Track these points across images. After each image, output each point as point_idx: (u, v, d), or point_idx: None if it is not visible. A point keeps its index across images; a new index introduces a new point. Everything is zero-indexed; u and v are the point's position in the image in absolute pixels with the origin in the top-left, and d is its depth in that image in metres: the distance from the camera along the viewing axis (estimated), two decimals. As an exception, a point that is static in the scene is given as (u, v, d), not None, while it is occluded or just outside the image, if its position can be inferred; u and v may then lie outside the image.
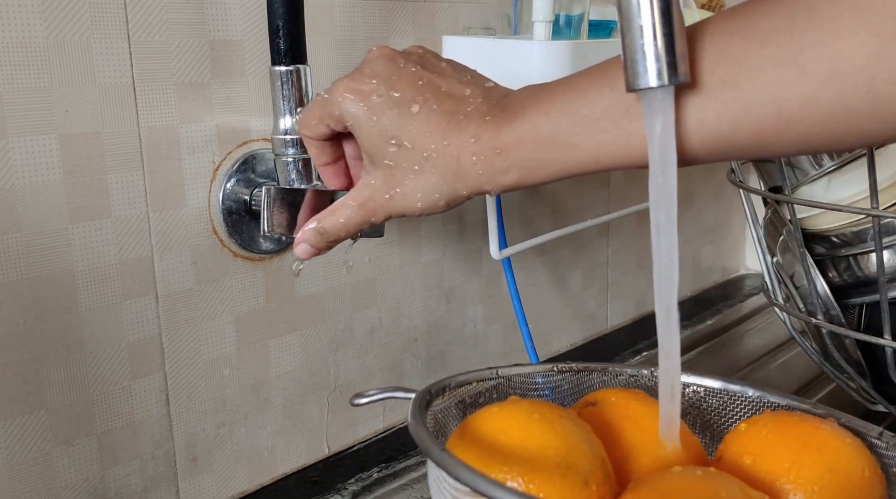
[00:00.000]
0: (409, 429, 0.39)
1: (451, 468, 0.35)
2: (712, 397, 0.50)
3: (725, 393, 0.50)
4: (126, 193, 0.53)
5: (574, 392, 0.51)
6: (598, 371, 0.51)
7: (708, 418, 0.50)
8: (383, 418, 0.72)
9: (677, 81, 0.34)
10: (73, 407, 0.52)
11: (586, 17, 0.67)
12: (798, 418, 0.44)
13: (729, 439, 0.45)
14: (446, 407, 0.45)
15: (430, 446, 0.37)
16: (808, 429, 0.43)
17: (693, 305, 1.05)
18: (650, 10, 0.34)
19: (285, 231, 0.52)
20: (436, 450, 0.37)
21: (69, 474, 0.53)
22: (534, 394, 0.50)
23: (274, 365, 0.63)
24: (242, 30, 0.57)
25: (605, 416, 0.45)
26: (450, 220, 0.74)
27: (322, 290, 0.65)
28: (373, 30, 0.64)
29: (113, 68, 0.51)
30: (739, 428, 0.45)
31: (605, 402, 0.46)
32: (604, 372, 0.51)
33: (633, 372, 0.51)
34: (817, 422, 0.43)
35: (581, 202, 0.87)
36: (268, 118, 0.58)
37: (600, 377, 0.51)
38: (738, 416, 0.49)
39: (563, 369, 0.50)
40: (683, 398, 0.50)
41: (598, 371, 0.51)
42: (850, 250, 0.61)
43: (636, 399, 0.46)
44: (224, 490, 0.61)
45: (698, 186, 1.05)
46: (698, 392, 0.50)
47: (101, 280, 0.52)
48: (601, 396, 0.47)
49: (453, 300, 0.76)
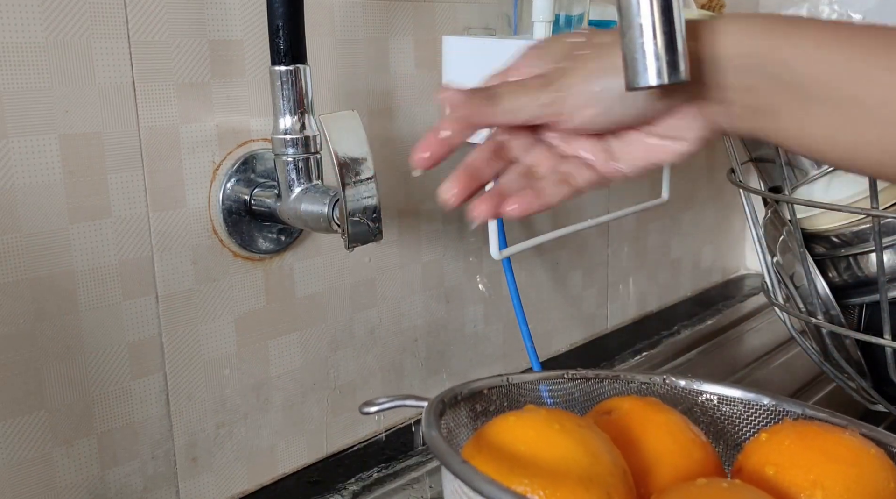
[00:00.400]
0: (426, 439, 0.38)
1: (473, 482, 0.34)
2: (726, 405, 0.49)
3: (740, 401, 0.49)
4: (126, 193, 0.53)
5: (586, 400, 0.50)
6: (609, 379, 0.50)
7: (721, 426, 0.49)
8: (383, 418, 0.72)
9: (677, 80, 0.34)
10: (73, 407, 0.52)
11: (586, 16, 0.67)
12: (820, 428, 0.43)
13: (749, 449, 0.44)
14: (456, 414, 0.45)
15: (451, 457, 0.36)
16: (831, 439, 0.42)
17: (693, 305, 1.05)
18: (650, 9, 0.34)
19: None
20: (456, 462, 0.36)
21: (69, 474, 0.53)
22: (547, 402, 0.49)
23: (274, 365, 0.63)
24: (242, 30, 0.57)
25: (623, 425, 0.44)
26: (450, 220, 0.74)
27: (322, 290, 0.65)
28: (373, 30, 0.64)
29: (113, 68, 0.51)
30: (760, 438, 0.44)
31: (621, 410, 0.45)
32: (615, 380, 0.51)
33: (645, 379, 0.50)
34: (839, 432, 0.42)
35: (581, 202, 0.87)
36: (268, 118, 0.58)
37: (611, 385, 0.50)
38: (752, 425, 0.48)
39: (575, 377, 0.50)
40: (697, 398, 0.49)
41: (609, 379, 0.50)
42: (849, 250, 0.61)
43: (653, 407, 0.45)
44: (224, 490, 0.61)
45: (699, 186, 1.05)
46: (711, 400, 0.49)
47: (101, 280, 0.52)
48: (615, 404, 0.46)
49: (453, 300, 0.76)
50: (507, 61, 0.43)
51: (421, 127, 0.70)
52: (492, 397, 0.46)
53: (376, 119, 0.66)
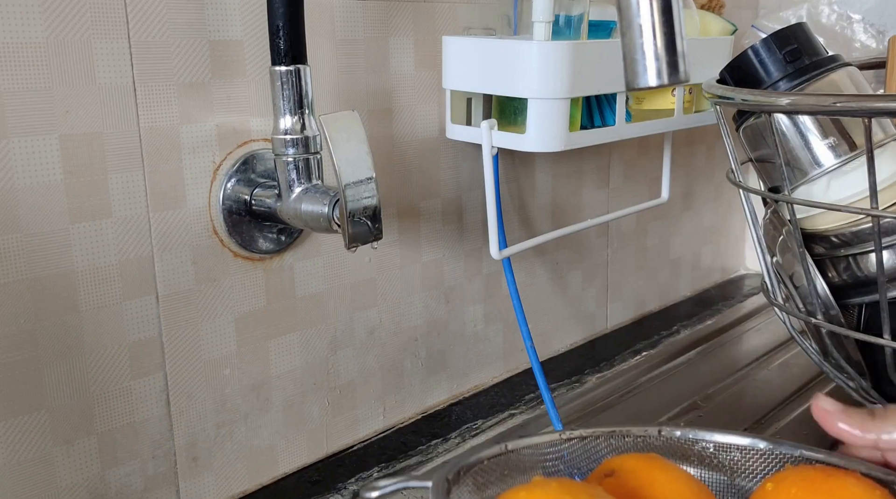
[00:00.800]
0: None
1: None
2: (723, 452, 0.49)
3: (736, 448, 0.48)
4: (126, 193, 0.53)
5: (586, 459, 0.49)
6: (603, 436, 0.50)
7: (722, 474, 0.49)
8: (383, 418, 0.72)
9: (677, 81, 0.34)
10: (73, 407, 0.52)
11: (586, 17, 0.67)
12: (823, 473, 0.43)
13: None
14: (460, 490, 0.44)
15: None
16: (837, 484, 0.42)
17: (693, 305, 1.05)
18: (650, 10, 0.34)
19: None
20: None
21: (69, 474, 0.53)
22: (548, 464, 0.49)
23: (274, 365, 0.63)
24: (242, 30, 0.57)
25: (630, 487, 0.44)
26: (450, 220, 0.74)
27: (322, 290, 0.65)
28: (373, 30, 0.64)
29: (113, 68, 0.51)
30: (765, 488, 0.44)
31: (623, 470, 0.45)
32: (611, 436, 0.50)
33: (640, 433, 0.50)
34: (843, 474, 0.43)
35: (581, 202, 0.87)
36: (268, 118, 0.58)
37: (607, 442, 0.50)
38: (750, 471, 0.48)
39: (571, 437, 0.50)
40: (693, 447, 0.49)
41: (603, 436, 0.50)
42: (849, 250, 0.61)
43: (655, 464, 0.45)
44: (224, 490, 0.61)
45: (698, 186, 1.05)
46: (707, 449, 0.49)
47: (102, 280, 0.53)
48: (617, 464, 0.46)
49: (453, 300, 0.76)
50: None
51: (421, 127, 0.70)
52: (491, 468, 0.46)
53: (376, 119, 0.66)
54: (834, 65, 0.60)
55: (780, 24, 0.90)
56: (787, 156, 0.60)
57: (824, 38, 0.90)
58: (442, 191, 0.73)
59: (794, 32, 0.60)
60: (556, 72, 0.63)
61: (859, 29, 0.91)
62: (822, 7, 0.94)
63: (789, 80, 0.59)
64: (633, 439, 0.50)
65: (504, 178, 0.77)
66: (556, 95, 0.64)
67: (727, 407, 0.79)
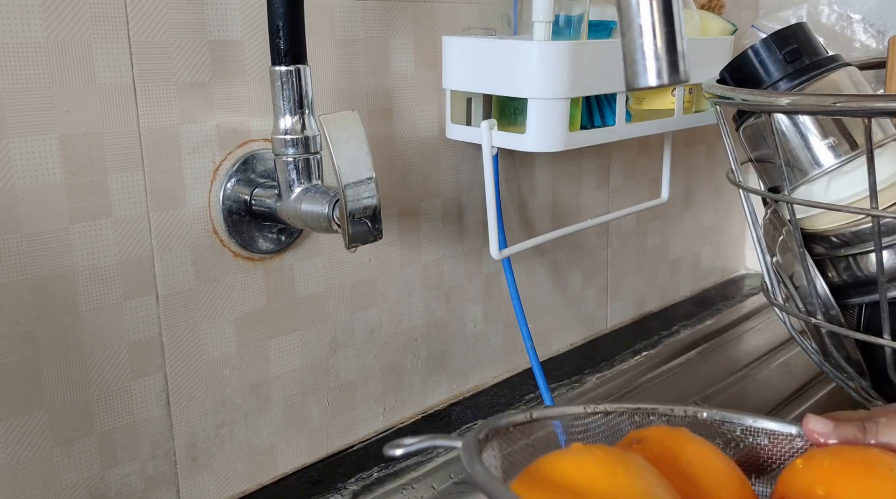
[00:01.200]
0: (473, 478, 0.36)
1: None
2: (750, 436, 0.48)
3: (763, 432, 0.48)
4: (126, 193, 0.53)
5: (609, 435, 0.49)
6: (628, 413, 0.50)
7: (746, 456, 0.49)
8: (384, 418, 0.72)
9: (677, 80, 0.34)
10: (73, 407, 0.52)
11: (586, 17, 0.67)
12: (851, 448, 0.43)
13: (787, 477, 0.43)
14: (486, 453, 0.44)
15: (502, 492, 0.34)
16: (870, 455, 0.42)
17: (693, 305, 1.05)
18: (650, 10, 0.34)
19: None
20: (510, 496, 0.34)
21: (69, 474, 0.53)
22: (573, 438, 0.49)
23: (274, 365, 0.63)
24: (242, 30, 0.57)
25: (656, 453, 0.43)
26: (450, 220, 0.74)
27: (322, 290, 0.65)
28: (373, 30, 0.64)
29: (113, 68, 0.51)
30: (795, 465, 0.44)
31: (650, 440, 0.45)
32: (635, 413, 0.50)
33: (665, 411, 0.50)
34: (868, 450, 0.43)
35: (581, 202, 0.87)
36: (268, 118, 0.58)
37: (630, 419, 0.50)
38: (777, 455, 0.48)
39: (596, 412, 0.49)
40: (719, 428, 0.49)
41: (628, 413, 0.50)
42: (849, 250, 0.61)
43: (683, 436, 0.45)
44: (224, 490, 0.61)
45: (698, 186, 1.05)
46: (733, 431, 0.48)
47: (102, 280, 0.52)
48: (643, 434, 0.45)
49: (453, 300, 0.76)
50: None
51: (421, 127, 0.70)
52: (516, 436, 0.46)
53: (376, 119, 0.66)
54: (834, 65, 0.60)
55: (780, 24, 0.90)
56: (787, 156, 0.60)
57: (824, 38, 0.90)
58: (442, 191, 0.73)
59: (794, 32, 0.60)
60: (556, 72, 0.63)
61: (859, 29, 0.91)
62: (822, 7, 0.94)
63: (789, 80, 0.59)
64: (658, 416, 0.49)
65: (504, 178, 0.77)
66: (555, 95, 0.64)
67: (727, 407, 0.79)
